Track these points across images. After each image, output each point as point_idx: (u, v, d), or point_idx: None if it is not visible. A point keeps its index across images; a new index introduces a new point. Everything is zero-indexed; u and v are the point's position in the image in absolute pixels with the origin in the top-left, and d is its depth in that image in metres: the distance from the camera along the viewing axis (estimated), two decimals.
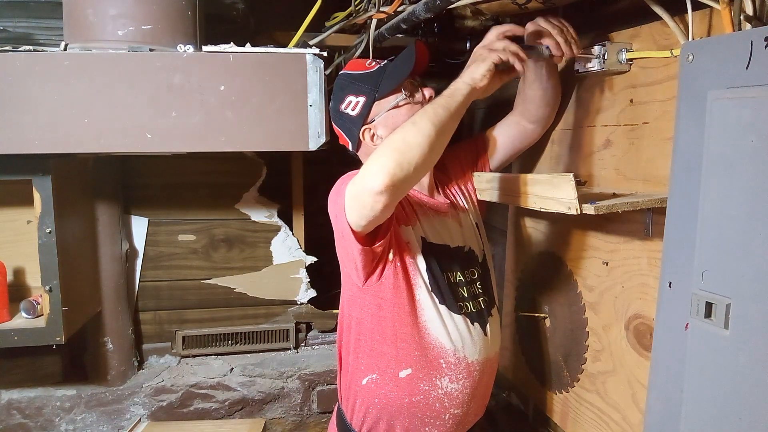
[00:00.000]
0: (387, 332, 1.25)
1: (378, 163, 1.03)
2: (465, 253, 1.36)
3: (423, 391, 1.26)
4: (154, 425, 1.97)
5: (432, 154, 1.07)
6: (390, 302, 1.24)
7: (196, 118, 1.36)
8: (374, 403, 1.29)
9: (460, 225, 1.38)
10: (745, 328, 0.72)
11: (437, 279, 1.27)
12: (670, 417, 0.85)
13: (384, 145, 1.06)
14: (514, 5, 1.24)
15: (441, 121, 1.07)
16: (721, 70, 0.76)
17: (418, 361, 1.25)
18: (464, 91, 1.11)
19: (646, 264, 1.14)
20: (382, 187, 1.01)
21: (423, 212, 1.32)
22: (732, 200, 0.74)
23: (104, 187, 1.97)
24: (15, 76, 1.30)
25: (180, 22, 1.39)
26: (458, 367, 1.27)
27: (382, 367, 1.27)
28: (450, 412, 1.29)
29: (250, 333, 2.23)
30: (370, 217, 1.09)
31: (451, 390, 1.27)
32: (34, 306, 1.73)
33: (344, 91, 1.31)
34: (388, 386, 1.27)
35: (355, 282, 1.26)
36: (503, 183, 1.32)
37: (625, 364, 1.21)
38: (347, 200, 1.11)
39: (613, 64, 1.18)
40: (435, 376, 1.26)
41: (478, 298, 1.33)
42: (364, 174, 1.05)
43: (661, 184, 1.09)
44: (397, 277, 1.24)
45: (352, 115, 1.30)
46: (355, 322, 1.30)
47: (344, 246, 1.22)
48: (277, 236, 2.20)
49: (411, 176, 1.04)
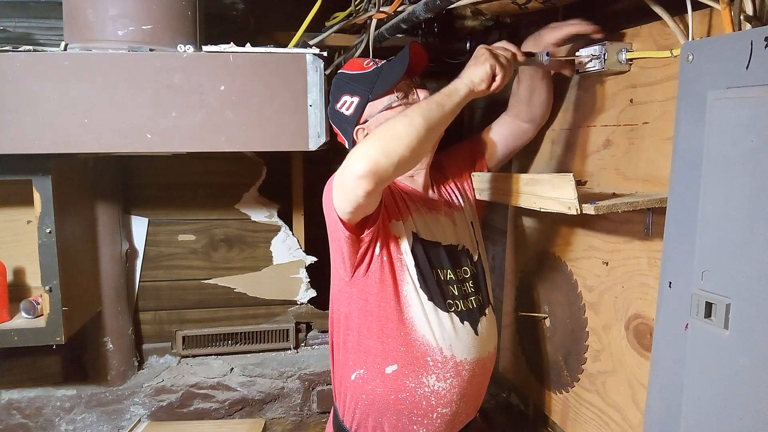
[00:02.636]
0: (373, 327, 1.26)
1: (363, 150, 1.07)
2: (458, 252, 1.36)
3: (409, 389, 1.26)
4: (154, 425, 1.97)
5: (418, 148, 1.09)
6: (376, 297, 1.25)
7: (196, 118, 1.36)
8: (362, 399, 1.30)
9: (454, 223, 1.39)
10: (745, 328, 0.72)
11: (425, 275, 1.27)
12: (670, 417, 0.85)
13: (374, 132, 1.10)
14: (514, 5, 1.24)
15: (433, 117, 1.09)
16: (721, 70, 0.76)
17: (404, 358, 1.26)
18: (462, 91, 1.12)
19: (646, 264, 1.14)
20: (364, 171, 1.04)
21: (416, 208, 1.33)
22: (732, 200, 0.74)
23: (104, 187, 1.97)
24: (15, 76, 1.30)
25: (180, 22, 1.39)
26: (446, 365, 1.27)
27: (369, 362, 1.28)
28: (437, 411, 1.28)
29: (250, 333, 2.23)
30: (354, 204, 1.11)
31: (439, 389, 1.27)
32: (34, 306, 1.73)
33: (340, 90, 1.33)
34: (374, 382, 1.27)
35: (342, 277, 1.28)
36: (503, 183, 1.32)
37: (625, 364, 1.21)
38: (335, 186, 1.14)
39: (613, 64, 1.18)
40: (421, 374, 1.26)
41: (470, 297, 1.33)
42: (349, 159, 1.08)
43: (661, 184, 1.09)
44: (384, 271, 1.24)
45: (346, 114, 1.32)
46: (343, 317, 1.31)
47: (333, 237, 1.24)
48: (277, 236, 2.20)
49: (394, 165, 1.06)
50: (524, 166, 1.61)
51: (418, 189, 1.38)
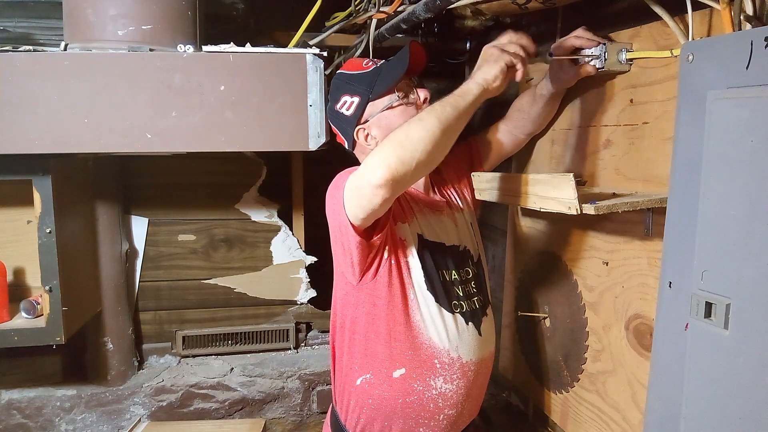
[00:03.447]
0: (381, 331, 1.25)
1: (380, 157, 1.04)
2: (460, 252, 1.36)
3: (417, 392, 1.26)
4: (154, 425, 1.97)
5: (436, 152, 1.07)
6: (384, 300, 1.24)
7: (196, 118, 1.36)
8: (368, 404, 1.29)
9: (456, 224, 1.38)
10: (745, 328, 0.72)
11: (431, 277, 1.27)
12: (670, 417, 0.85)
13: (389, 138, 1.07)
14: (514, 5, 1.25)
15: (448, 119, 1.06)
16: (721, 70, 0.76)
17: (412, 361, 1.25)
18: (476, 91, 1.10)
19: (646, 264, 1.14)
20: (382, 180, 1.02)
21: (419, 209, 1.32)
22: (732, 200, 0.74)
23: (104, 187, 1.97)
24: (15, 76, 1.30)
25: (180, 22, 1.39)
26: (452, 367, 1.27)
27: (376, 366, 1.27)
28: (444, 412, 1.28)
29: (250, 333, 2.23)
30: (369, 210, 1.09)
31: (446, 390, 1.27)
32: (34, 306, 1.73)
33: (340, 90, 1.32)
34: (382, 386, 1.26)
35: (349, 281, 1.26)
36: (503, 183, 1.32)
37: (625, 364, 1.21)
38: (347, 192, 1.12)
39: (613, 64, 1.18)
40: (429, 377, 1.26)
41: (473, 298, 1.33)
42: (366, 167, 1.06)
43: (661, 184, 1.09)
44: (392, 274, 1.24)
45: (346, 115, 1.30)
46: (349, 322, 1.30)
47: (341, 241, 1.22)
48: (277, 236, 2.20)
49: (412, 172, 1.05)
50: (524, 166, 1.61)
51: (419, 190, 1.38)
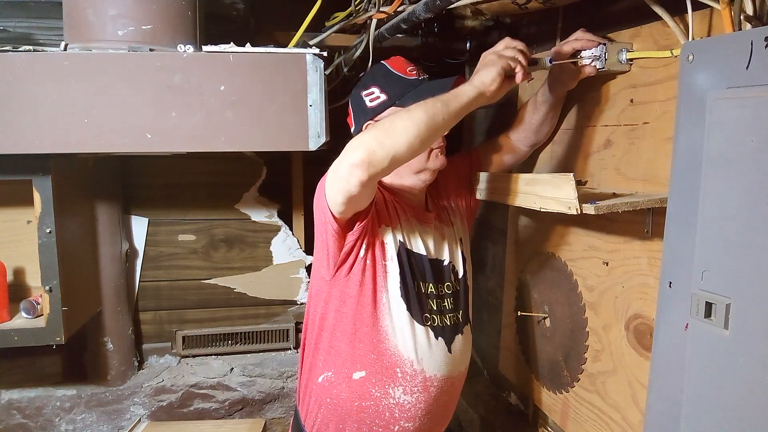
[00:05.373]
0: (347, 330, 1.25)
1: (361, 139, 1.08)
2: (442, 267, 1.36)
3: (374, 397, 1.25)
4: (154, 425, 1.97)
5: (416, 144, 1.08)
6: (354, 299, 1.24)
7: (196, 118, 1.36)
8: (326, 403, 1.29)
9: (443, 238, 1.39)
10: (745, 328, 0.72)
11: (407, 285, 1.27)
12: (670, 417, 0.85)
13: (376, 125, 1.11)
14: (514, 5, 1.25)
15: (436, 115, 1.08)
16: (721, 70, 0.76)
17: (373, 365, 1.25)
18: (471, 93, 1.11)
19: (646, 264, 1.14)
20: (358, 160, 1.05)
21: (406, 218, 1.33)
22: (732, 200, 0.74)
23: (104, 187, 1.97)
24: (15, 76, 1.30)
25: (180, 22, 1.39)
26: (414, 379, 1.26)
27: (338, 365, 1.27)
28: (400, 424, 1.27)
29: (250, 333, 2.23)
30: (346, 192, 1.10)
31: (404, 402, 1.26)
32: (34, 306, 1.73)
33: (374, 80, 1.34)
34: (340, 386, 1.26)
35: (323, 276, 1.28)
36: (503, 183, 1.32)
37: (625, 364, 1.21)
38: (328, 176, 1.15)
39: (613, 64, 1.18)
40: (388, 384, 1.25)
41: (447, 314, 1.33)
42: (347, 148, 1.09)
43: (661, 184, 1.09)
44: (365, 274, 1.24)
45: (367, 105, 1.33)
46: (318, 318, 1.30)
47: (320, 231, 1.24)
48: (277, 236, 2.20)
49: (390, 158, 1.06)
50: (524, 166, 1.61)
51: (412, 200, 1.38)
